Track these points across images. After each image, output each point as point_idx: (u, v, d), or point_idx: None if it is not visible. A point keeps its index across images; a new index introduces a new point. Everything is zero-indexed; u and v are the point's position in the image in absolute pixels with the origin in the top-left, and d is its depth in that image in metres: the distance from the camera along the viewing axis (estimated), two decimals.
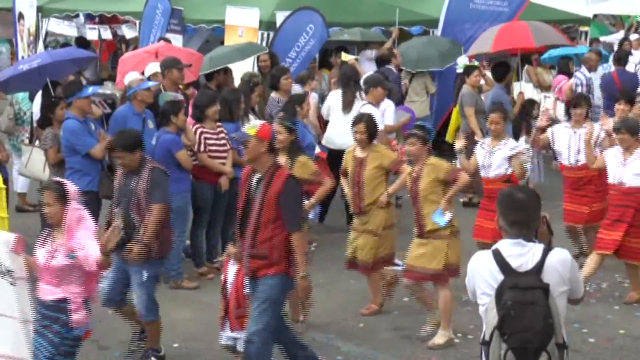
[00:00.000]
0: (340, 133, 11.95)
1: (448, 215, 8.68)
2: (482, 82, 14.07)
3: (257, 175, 7.35)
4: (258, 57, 13.98)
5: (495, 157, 9.95)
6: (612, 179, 9.99)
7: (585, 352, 8.61)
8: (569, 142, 10.94)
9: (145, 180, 8.15)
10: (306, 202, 8.81)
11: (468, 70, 13.72)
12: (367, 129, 9.33)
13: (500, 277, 5.01)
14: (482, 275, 5.11)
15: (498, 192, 9.34)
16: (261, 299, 7.32)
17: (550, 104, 14.91)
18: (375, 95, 11.54)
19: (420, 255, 8.77)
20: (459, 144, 10.00)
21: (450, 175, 8.72)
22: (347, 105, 12.23)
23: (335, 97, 12.50)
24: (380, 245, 9.36)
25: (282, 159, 8.67)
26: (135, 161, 8.25)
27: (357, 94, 12.36)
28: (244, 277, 7.59)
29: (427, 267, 8.71)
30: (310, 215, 9.41)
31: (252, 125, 7.47)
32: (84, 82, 11.52)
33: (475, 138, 13.09)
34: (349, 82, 12.45)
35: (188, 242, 10.88)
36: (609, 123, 10.92)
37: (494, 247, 5.16)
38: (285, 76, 12.49)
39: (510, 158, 9.89)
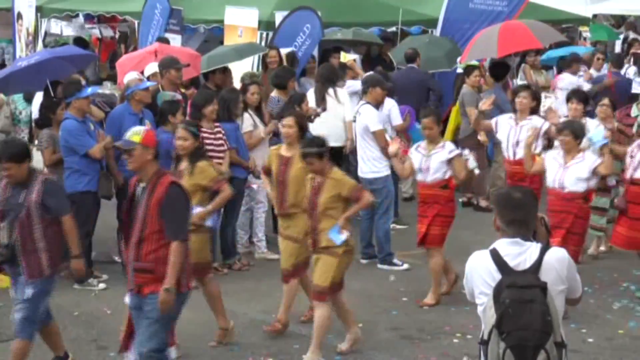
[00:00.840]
0: (314, 130, 11.90)
1: (345, 234, 8.19)
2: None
3: (142, 185, 6.93)
4: (265, 54, 13.94)
5: (433, 160, 9.71)
6: (551, 182, 9.51)
7: (584, 352, 8.61)
8: (508, 133, 10.81)
9: (37, 193, 7.51)
10: (199, 209, 8.40)
11: (468, 70, 13.70)
12: (297, 123, 8.99)
13: (498, 276, 5.02)
14: (480, 274, 5.12)
15: (436, 196, 9.56)
16: (152, 319, 6.89)
17: (551, 104, 14.89)
18: (374, 96, 11.40)
19: (314, 271, 8.38)
20: (393, 147, 9.84)
21: (354, 193, 8.25)
22: (319, 103, 12.26)
23: (311, 95, 12.53)
24: (301, 253, 8.81)
25: (183, 165, 8.56)
26: (23, 173, 7.54)
27: (331, 91, 12.39)
28: None
29: (316, 282, 8.31)
30: (209, 223, 8.77)
31: (136, 132, 7.04)
32: (83, 82, 11.46)
33: (478, 137, 13.11)
34: (320, 80, 12.58)
35: None
36: (556, 118, 10.76)
37: (491, 247, 5.17)
38: (293, 79, 12.52)
39: (449, 161, 9.66)
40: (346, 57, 14.18)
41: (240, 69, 13.54)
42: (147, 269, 6.85)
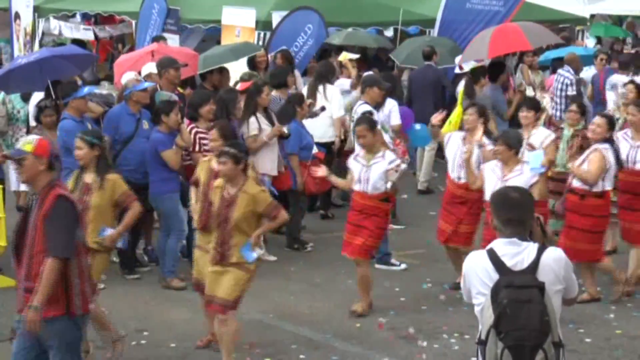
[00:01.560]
0: (310, 127, 11.99)
1: (257, 252, 7.87)
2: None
3: (34, 197, 6.38)
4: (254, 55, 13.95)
5: (373, 171, 9.33)
6: (489, 196, 8.99)
7: (582, 352, 8.61)
8: (455, 152, 10.08)
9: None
10: (110, 231, 8.07)
11: (477, 72, 13.59)
12: (222, 136, 8.65)
13: (495, 276, 5.02)
14: (477, 274, 5.12)
15: (373, 208, 9.33)
16: (52, 347, 6.32)
17: (547, 104, 14.89)
18: (371, 95, 11.40)
19: (219, 284, 7.92)
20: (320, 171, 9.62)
21: (270, 211, 7.90)
22: (310, 98, 12.39)
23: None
24: None
25: (89, 177, 8.18)
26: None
27: (320, 88, 12.56)
28: None
29: (221, 296, 7.90)
30: (119, 244, 8.39)
31: (28, 141, 6.45)
32: (79, 82, 11.46)
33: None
34: (315, 76, 12.82)
35: (184, 242, 10.85)
36: (479, 135, 9.96)
37: (488, 247, 5.17)
38: (290, 75, 12.53)
39: (387, 172, 9.35)
40: (346, 56, 14.18)
41: (236, 69, 13.53)
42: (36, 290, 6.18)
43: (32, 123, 11.88)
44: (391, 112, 11.77)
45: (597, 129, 9.65)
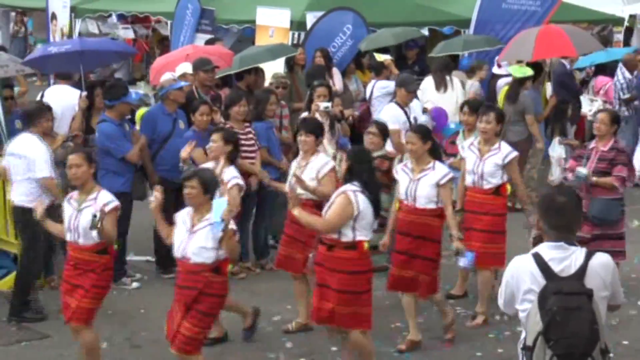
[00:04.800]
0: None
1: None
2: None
3: None
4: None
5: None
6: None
7: (619, 354, 8.51)
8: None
9: None
10: None
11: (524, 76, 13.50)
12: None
13: (542, 281, 4.94)
14: (523, 279, 5.02)
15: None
16: None
17: (597, 108, 14.77)
18: (399, 96, 11.52)
19: None
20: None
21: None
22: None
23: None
24: None
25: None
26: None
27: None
28: None
29: None
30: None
31: None
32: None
33: (537, 145, 13.06)
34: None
35: None
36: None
37: (534, 251, 5.09)
38: (327, 75, 12.58)
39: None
40: (380, 57, 14.16)
41: (272, 69, 13.54)
42: None
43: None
44: (415, 113, 11.72)
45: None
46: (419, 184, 8.49)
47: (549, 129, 14.89)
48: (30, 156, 9.37)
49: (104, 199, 7.65)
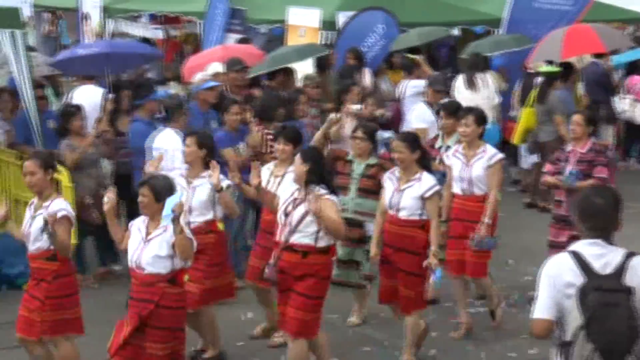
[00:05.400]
0: None
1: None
2: None
3: None
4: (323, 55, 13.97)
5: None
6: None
7: None
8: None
9: None
10: None
11: (553, 75, 13.46)
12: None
13: (581, 279, 4.94)
14: (562, 278, 5.01)
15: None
16: None
17: (628, 106, 14.69)
18: (429, 95, 11.58)
19: None
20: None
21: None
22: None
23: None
24: None
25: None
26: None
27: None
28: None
29: None
30: None
31: None
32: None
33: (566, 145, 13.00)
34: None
35: (250, 241, 10.92)
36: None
37: (571, 248, 5.10)
38: (358, 74, 12.56)
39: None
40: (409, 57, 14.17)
41: (302, 69, 13.56)
42: None
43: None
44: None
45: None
46: (403, 195, 8.08)
47: None
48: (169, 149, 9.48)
49: (55, 207, 7.31)
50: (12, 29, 10.55)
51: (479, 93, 13.25)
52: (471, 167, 8.89)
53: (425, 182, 8.05)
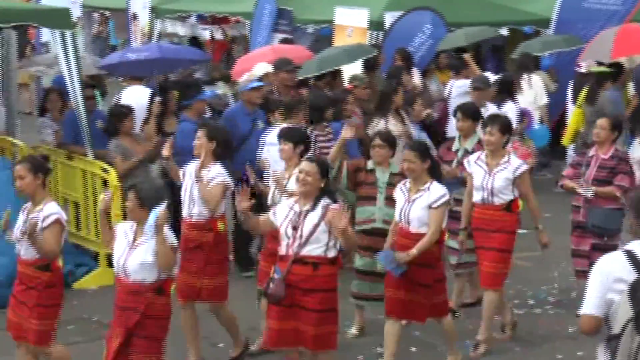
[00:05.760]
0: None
1: None
2: None
3: None
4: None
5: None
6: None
7: None
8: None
9: None
10: None
11: (603, 76, 13.36)
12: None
13: (633, 275, 4.93)
14: (613, 274, 5.00)
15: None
16: None
17: None
18: (473, 95, 11.53)
19: None
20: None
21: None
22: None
23: None
24: None
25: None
26: None
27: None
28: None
29: None
30: None
31: None
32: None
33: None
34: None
35: None
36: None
37: (625, 248, 5.10)
38: (407, 74, 12.54)
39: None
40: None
41: (350, 70, 13.55)
42: None
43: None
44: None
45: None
46: (413, 206, 7.88)
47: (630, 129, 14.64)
48: None
49: (47, 211, 7.17)
50: (62, 30, 10.63)
51: (522, 94, 13.14)
52: (493, 177, 8.56)
53: (435, 191, 7.85)
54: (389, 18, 15.45)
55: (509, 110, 11.76)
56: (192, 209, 8.16)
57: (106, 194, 7.36)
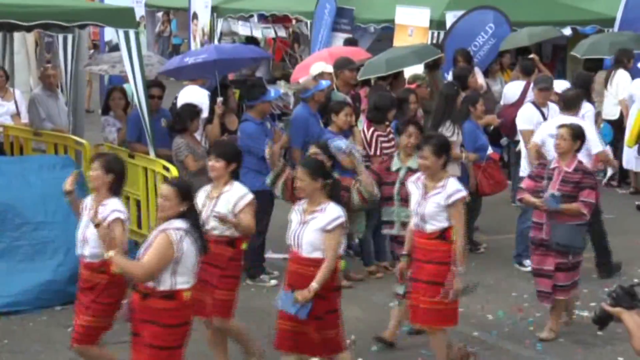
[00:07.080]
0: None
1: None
2: None
3: None
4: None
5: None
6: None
7: None
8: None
9: None
10: None
11: None
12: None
13: None
14: None
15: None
16: None
17: None
18: (535, 95, 11.43)
19: None
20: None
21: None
22: None
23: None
24: None
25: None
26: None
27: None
28: None
29: None
30: None
31: None
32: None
33: None
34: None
35: (357, 240, 10.95)
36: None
37: None
38: (472, 74, 12.51)
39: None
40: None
41: (410, 69, 13.52)
42: None
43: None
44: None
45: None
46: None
47: None
48: None
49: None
50: (126, 29, 10.74)
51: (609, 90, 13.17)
52: (426, 201, 7.71)
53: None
54: (450, 17, 15.38)
55: (588, 112, 11.29)
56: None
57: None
